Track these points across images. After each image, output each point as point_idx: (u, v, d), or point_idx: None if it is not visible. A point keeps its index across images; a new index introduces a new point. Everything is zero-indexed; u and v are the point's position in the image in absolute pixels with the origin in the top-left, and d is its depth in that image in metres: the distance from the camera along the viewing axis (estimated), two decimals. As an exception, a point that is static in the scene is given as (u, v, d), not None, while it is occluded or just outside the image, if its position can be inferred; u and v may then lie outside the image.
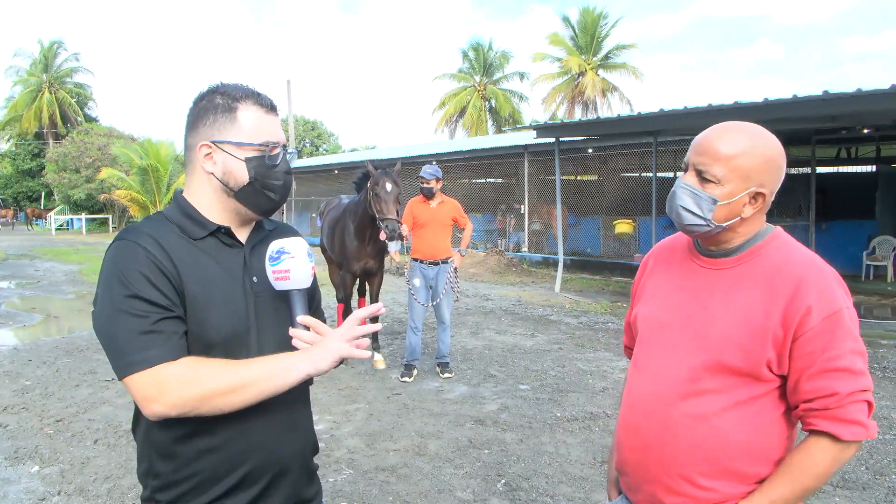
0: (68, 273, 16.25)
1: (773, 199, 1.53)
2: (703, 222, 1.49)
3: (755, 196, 1.49)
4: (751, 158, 1.46)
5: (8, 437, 4.88)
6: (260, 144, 1.49)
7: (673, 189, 1.55)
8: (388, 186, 6.11)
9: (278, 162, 1.52)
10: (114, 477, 4.17)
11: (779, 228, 1.59)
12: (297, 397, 1.56)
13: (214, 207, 1.52)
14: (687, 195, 1.51)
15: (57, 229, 36.33)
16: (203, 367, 1.37)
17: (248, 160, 1.49)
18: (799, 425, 1.52)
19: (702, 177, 1.49)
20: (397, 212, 6.17)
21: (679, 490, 1.52)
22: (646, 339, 1.66)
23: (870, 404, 1.42)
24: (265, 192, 1.52)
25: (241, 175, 1.49)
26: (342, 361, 1.46)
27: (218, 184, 1.51)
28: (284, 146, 1.54)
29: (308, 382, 1.65)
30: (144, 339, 1.34)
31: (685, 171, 1.55)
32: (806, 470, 1.43)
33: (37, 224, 42.63)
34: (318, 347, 1.42)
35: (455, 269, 6.43)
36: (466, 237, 6.68)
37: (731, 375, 1.48)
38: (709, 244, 1.58)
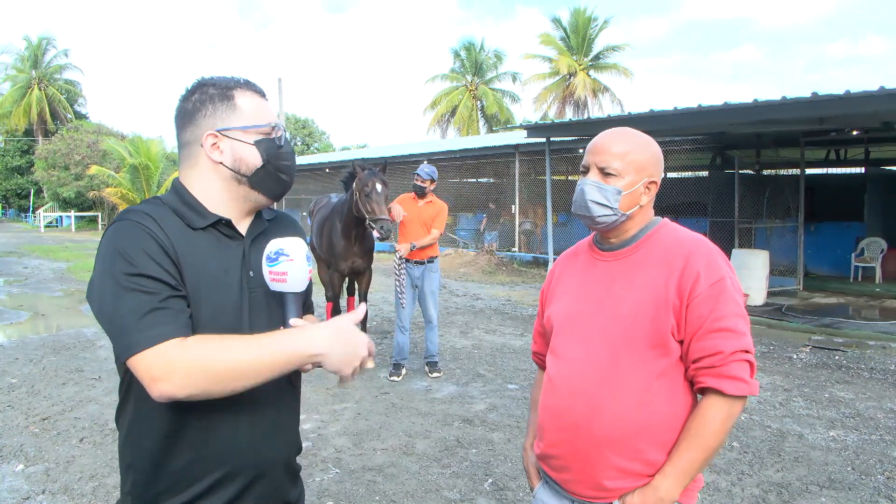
0: (56, 270, 16.17)
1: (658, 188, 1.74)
2: (611, 212, 1.67)
3: (648, 185, 1.70)
4: (641, 154, 1.69)
5: (-8, 436, 4.85)
6: (266, 126, 1.49)
7: (580, 188, 1.71)
8: (379, 187, 6.14)
9: (283, 143, 1.52)
10: (99, 475, 4.15)
11: (666, 219, 1.77)
12: (285, 399, 1.54)
13: (220, 198, 1.49)
14: (595, 190, 1.68)
15: (46, 226, 36.13)
16: (214, 344, 1.29)
17: (257, 143, 1.48)
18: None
19: (604, 172, 1.68)
20: (388, 211, 6.18)
21: (611, 464, 1.61)
22: (562, 330, 1.77)
23: (751, 364, 1.56)
24: (278, 174, 1.51)
25: (254, 159, 1.48)
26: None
27: (228, 172, 1.48)
28: (283, 128, 1.55)
29: (298, 384, 1.63)
30: (151, 316, 1.27)
31: (585, 173, 1.73)
32: (705, 429, 1.56)
33: (25, 220, 42.43)
34: (344, 343, 1.38)
35: (400, 256, 6.28)
36: (429, 238, 6.35)
37: (646, 349, 1.61)
38: (609, 237, 1.75)
